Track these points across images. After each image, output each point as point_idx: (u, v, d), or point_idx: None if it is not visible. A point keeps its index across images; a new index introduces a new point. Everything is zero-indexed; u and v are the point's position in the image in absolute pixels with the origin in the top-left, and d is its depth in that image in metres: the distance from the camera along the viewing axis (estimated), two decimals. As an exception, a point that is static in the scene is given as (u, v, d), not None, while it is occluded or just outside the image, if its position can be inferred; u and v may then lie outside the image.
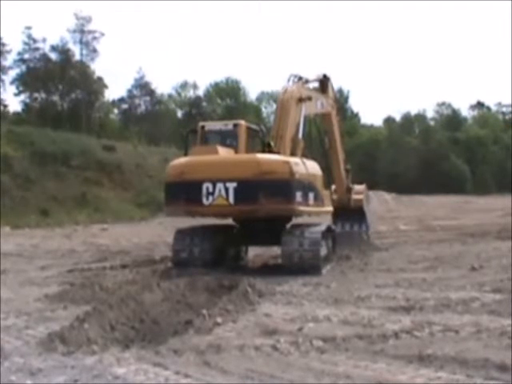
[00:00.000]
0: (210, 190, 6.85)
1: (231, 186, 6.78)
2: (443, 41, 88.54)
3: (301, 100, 8.23)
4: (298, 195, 6.99)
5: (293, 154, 7.79)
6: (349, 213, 10.05)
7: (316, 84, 9.72)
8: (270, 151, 7.41)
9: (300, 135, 8.09)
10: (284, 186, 6.84)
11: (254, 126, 8.33)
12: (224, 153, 7.31)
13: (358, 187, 10.84)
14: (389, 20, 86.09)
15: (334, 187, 10.10)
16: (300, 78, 8.64)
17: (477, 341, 3.69)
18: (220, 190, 6.82)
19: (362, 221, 10.49)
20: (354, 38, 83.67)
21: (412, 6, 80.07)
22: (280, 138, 7.79)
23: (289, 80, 8.46)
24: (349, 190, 10.50)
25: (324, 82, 9.89)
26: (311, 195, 7.40)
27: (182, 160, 7.45)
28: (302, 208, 7.13)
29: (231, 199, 6.80)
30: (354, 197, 10.54)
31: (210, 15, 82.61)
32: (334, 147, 10.48)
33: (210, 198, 6.86)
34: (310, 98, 8.52)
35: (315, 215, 8.14)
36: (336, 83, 10.97)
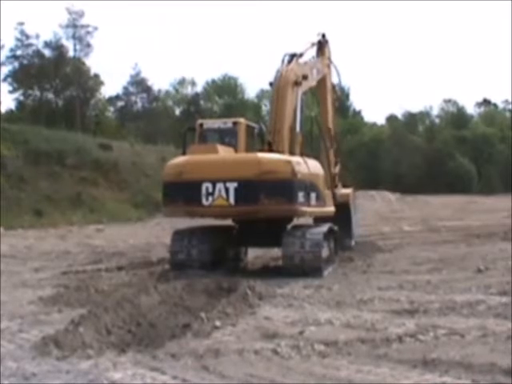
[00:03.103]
0: (210, 190, 6.72)
1: (231, 186, 6.65)
2: (448, 37, 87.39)
3: (297, 83, 7.91)
4: (300, 195, 6.86)
5: (291, 149, 7.62)
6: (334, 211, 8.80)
7: (313, 49, 9.21)
8: (271, 150, 7.28)
9: (298, 128, 7.81)
10: (286, 187, 6.71)
11: (253, 124, 8.19)
12: (224, 152, 7.19)
13: (344, 190, 10.03)
14: (392, 15, 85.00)
15: None
16: (294, 56, 8.24)
17: (483, 345, 3.64)
18: (220, 190, 6.69)
19: (347, 226, 9.44)
20: (357, 33, 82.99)
21: (415, 1, 79.71)
22: (278, 133, 7.58)
23: (283, 60, 8.13)
24: (334, 181, 9.67)
25: (322, 43, 9.47)
26: (313, 195, 7.26)
27: (181, 159, 7.32)
28: (304, 209, 7.01)
29: (231, 200, 6.68)
30: (341, 191, 9.84)
31: (208, 10, 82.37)
32: (325, 120, 9.79)
33: (210, 198, 6.74)
34: (305, 77, 8.14)
35: (317, 216, 8.03)
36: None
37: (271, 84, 8.01)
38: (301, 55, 8.48)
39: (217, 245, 7.37)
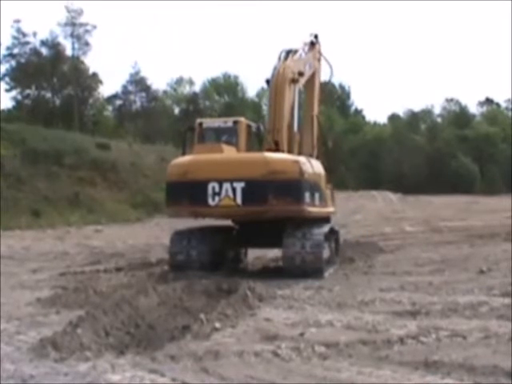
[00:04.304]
0: (217, 190, 6.63)
1: (239, 186, 6.57)
2: (450, 35, 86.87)
3: (294, 80, 7.82)
4: (307, 196, 6.82)
5: (290, 148, 7.53)
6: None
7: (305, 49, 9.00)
8: (277, 150, 7.22)
9: (296, 127, 7.71)
10: (294, 187, 6.65)
11: (253, 124, 8.11)
12: (227, 151, 7.12)
13: None
14: (394, 14, 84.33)
15: None
16: (289, 52, 8.16)
17: (485, 346, 3.61)
18: (227, 190, 6.60)
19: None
20: (358, 32, 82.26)
21: (417, 0, 79.22)
22: (278, 132, 7.52)
23: (279, 58, 8.06)
24: None
25: (314, 43, 9.32)
26: (317, 195, 7.23)
27: (186, 158, 7.24)
28: (310, 209, 6.97)
29: (239, 200, 6.59)
30: None
31: (207, 9, 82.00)
32: (309, 115, 9.32)
33: (217, 198, 6.65)
34: (301, 73, 8.06)
35: (320, 216, 7.96)
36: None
37: (268, 81, 7.93)
38: (295, 52, 8.41)
39: (216, 246, 7.32)
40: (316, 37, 9.43)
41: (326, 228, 7.32)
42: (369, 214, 20.38)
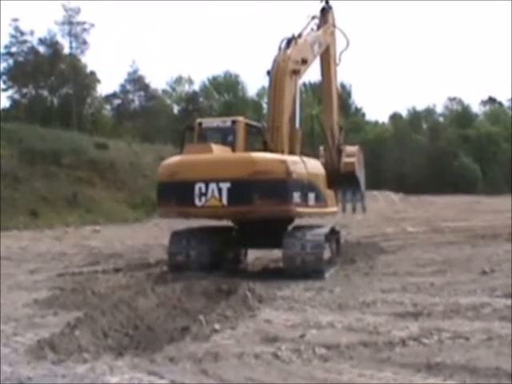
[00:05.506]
0: (203, 190, 6.63)
1: (224, 186, 6.56)
2: (453, 34, 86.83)
3: (295, 72, 7.64)
4: (296, 196, 6.73)
5: (291, 146, 7.46)
6: (339, 180, 8.62)
7: (315, 22, 8.75)
8: (266, 149, 7.17)
9: (297, 123, 7.58)
10: (280, 187, 6.59)
11: (254, 123, 8.02)
12: (219, 151, 7.07)
13: (349, 148, 9.41)
14: (395, 12, 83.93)
15: (321, 148, 9.03)
16: (291, 40, 7.84)
17: (488, 348, 3.59)
18: (213, 191, 6.60)
19: (356, 189, 9.33)
20: (359, 30, 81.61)
21: (418, -1, 78.64)
22: (277, 130, 7.43)
23: (280, 47, 7.80)
24: (339, 152, 9.29)
25: (326, 10, 9.07)
26: (311, 195, 7.14)
27: (175, 159, 7.23)
28: (300, 209, 6.89)
29: (224, 200, 6.58)
30: (345, 160, 9.20)
31: (207, 8, 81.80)
32: (329, 90, 9.33)
33: (203, 198, 6.65)
34: (305, 61, 7.89)
35: (317, 216, 7.94)
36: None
37: (269, 73, 7.76)
38: (299, 36, 8.13)
39: (216, 246, 7.28)
40: (327, 2, 9.10)
41: (326, 228, 7.28)
42: (370, 215, 20.32)
